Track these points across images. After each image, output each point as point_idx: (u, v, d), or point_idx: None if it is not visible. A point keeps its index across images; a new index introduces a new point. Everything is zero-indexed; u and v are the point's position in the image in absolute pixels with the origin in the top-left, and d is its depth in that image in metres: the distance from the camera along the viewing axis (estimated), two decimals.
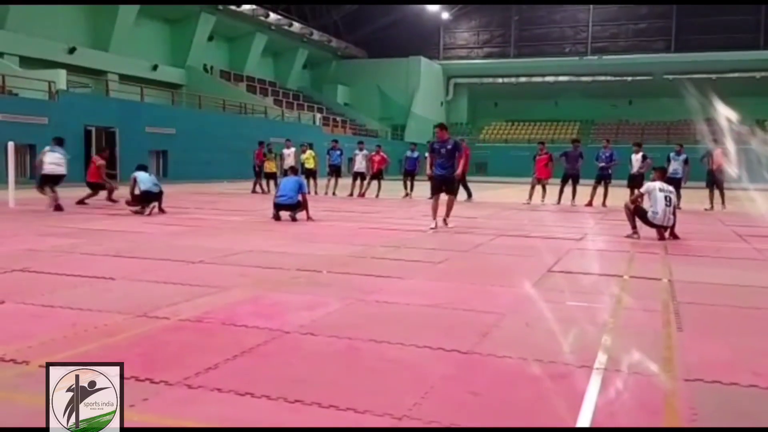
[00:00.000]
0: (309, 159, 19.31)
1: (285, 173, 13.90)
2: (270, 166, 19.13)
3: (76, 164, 22.07)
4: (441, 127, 9.50)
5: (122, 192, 12.53)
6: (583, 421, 2.61)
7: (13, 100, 20.84)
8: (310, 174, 18.98)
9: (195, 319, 4.06)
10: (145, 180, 11.29)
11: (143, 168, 11.76)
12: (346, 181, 19.28)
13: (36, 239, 7.74)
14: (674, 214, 8.89)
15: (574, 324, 4.12)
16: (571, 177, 16.01)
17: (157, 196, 11.34)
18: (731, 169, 14.58)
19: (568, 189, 16.00)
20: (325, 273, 5.82)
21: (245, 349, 3.44)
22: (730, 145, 15.19)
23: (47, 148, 12.08)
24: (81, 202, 12.61)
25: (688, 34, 44.72)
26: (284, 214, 10.56)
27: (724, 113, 16.54)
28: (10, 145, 12.55)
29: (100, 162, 13.23)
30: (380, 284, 5.36)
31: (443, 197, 9.37)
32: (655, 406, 2.83)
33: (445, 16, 48.74)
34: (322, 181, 19.29)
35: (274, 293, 4.92)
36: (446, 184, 9.27)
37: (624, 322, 4.30)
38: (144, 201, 11.17)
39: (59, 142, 12.31)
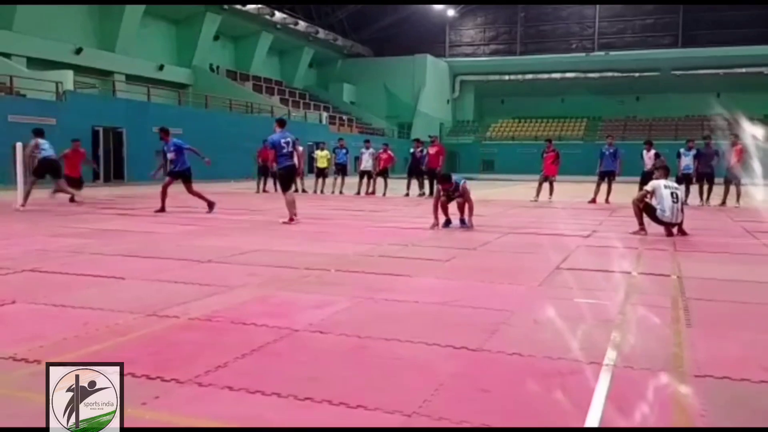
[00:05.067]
0: (323, 159, 19.45)
1: None
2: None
3: (84, 164, 22.28)
4: (444, 179, 9.64)
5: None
6: (593, 417, 2.61)
7: (21, 101, 20.95)
8: (321, 173, 19.16)
9: (205, 318, 4.08)
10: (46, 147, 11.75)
11: (41, 134, 12.25)
12: (352, 180, 19.31)
13: (46, 239, 7.79)
14: (682, 210, 8.86)
15: (582, 321, 4.12)
16: (705, 176, 15.15)
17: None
18: (749, 165, 14.43)
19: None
20: (334, 272, 5.83)
21: (255, 348, 3.45)
22: (747, 142, 15.09)
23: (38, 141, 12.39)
24: None
25: (696, 29, 44.53)
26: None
27: (738, 120, 16.43)
28: (18, 145, 12.61)
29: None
30: (389, 282, 5.37)
31: (459, 200, 9.53)
32: (665, 403, 2.83)
33: (451, 13, 48.67)
34: (328, 180, 19.35)
35: (283, 292, 4.94)
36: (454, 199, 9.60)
37: (633, 318, 4.29)
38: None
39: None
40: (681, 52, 44.41)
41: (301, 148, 10.67)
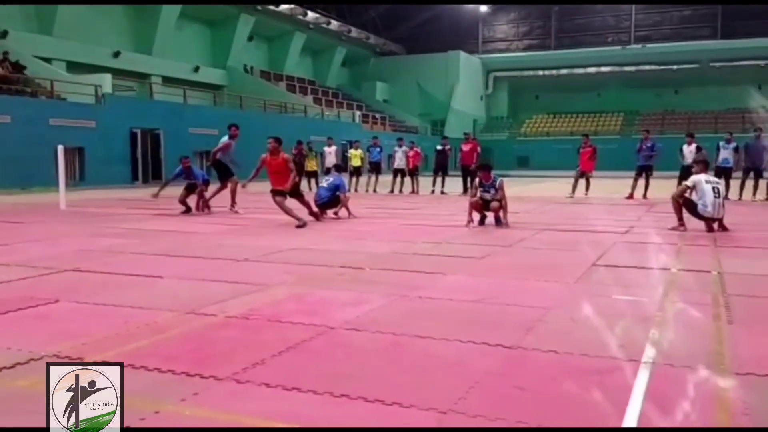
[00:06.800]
0: (356, 157, 19.48)
1: (327, 171, 13.98)
2: (310, 165, 19.30)
3: (123, 166, 22.77)
4: (484, 167, 9.83)
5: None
6: (631, 416, 2.57)
7: (62, 104, 21.45)
8: (356, 172, 19.16)
9: (242, 315, 4.13)
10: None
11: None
12: (385, 178, 19.33)
13: (87, 240, 7.97)
14: (723, 205, 8.67)
15: (620, 318, 4.07)
16: (753, 171, 14.77)
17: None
18: None
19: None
20: (368, 270, 5.85)
21: (291, 345, 3.49)
22: None
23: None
24: None
25: (735, 19, 43.39)
26: (328, 212, 10.65)
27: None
28: (60, 148, 12.92)
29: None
30: (423, 280, 5.37)
31: (494, 204, 9.55)
32: (706, 401, 2.78)
33: (484, 9, 48.34)
34: (362, 179, 19.41)
35: (318, 290, 4.97)
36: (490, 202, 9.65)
37: (672, 315, 4.22)
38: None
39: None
40: (720, 44, 43.30)
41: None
